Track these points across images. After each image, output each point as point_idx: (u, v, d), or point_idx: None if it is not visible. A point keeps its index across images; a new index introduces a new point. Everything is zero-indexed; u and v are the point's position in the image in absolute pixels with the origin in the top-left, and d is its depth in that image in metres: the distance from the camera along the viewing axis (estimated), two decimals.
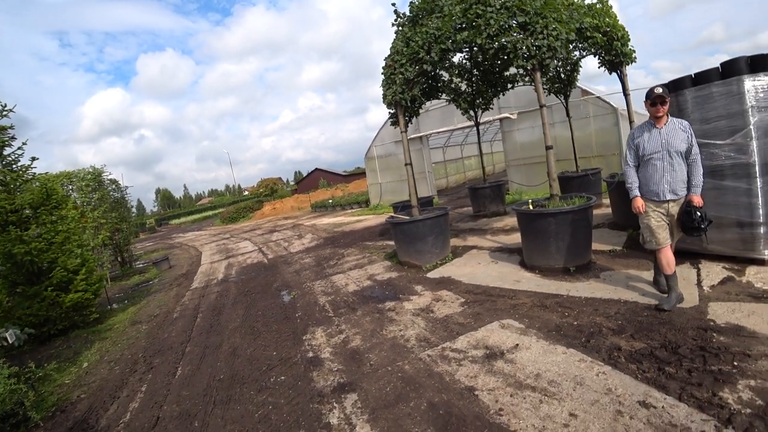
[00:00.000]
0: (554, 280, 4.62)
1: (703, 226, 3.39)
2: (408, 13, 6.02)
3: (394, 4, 6.02)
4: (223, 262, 11.52)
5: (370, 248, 8.81)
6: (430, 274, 5.78)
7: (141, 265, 14.71)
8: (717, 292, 3.72)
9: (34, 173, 7.21)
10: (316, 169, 50.05)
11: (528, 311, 3.93)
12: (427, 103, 13.93)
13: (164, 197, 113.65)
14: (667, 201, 3.54)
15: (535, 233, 4.83)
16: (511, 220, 8.77)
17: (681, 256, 4.64)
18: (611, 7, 5.87)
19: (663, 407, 2.32)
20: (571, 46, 5.46)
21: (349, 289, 5.96)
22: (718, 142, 4.09)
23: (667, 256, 3.61)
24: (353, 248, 9.28)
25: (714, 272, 4.14)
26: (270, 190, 44.79)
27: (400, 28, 6.08)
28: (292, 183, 72.38)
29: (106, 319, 7.25)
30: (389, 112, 8.01)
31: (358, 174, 43.85)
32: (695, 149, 3.45)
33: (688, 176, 3.50)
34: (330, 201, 22.82)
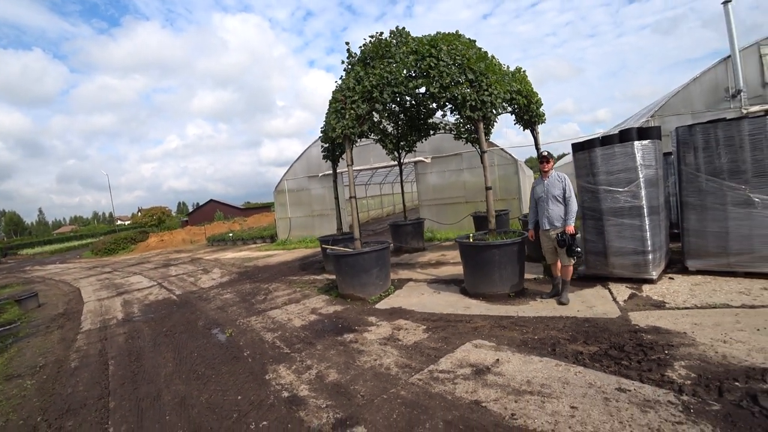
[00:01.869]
0: (500, 305, 5.14)
1: (574, 248, 4.74)
2: (359, 54, 6.40)
3: (347, 43, 6.36)
4: (117, 299, 9.78)
5: (297, 283, 8.52)
6: (378, 306, 5.87)
7: None
8: (629, 304, 4.60)
9: None
10: (211, 200, 46.54)
11: (490, 332, 4.30)
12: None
13: (10, 221, 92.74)
14: (548, 230, 4.99)
15: (481, 263, 5.35)
16: (434, 255, 9.41)
17: (593, 280, 5.61)
18: (526, 75, 7.09)
19: (634, 390, 2.89)
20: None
21: (294, 323, 5.70)
22: (619, 189, 5.17)
23: (553, 269, 5.18)
24: (278, 283, 8.85)
25: (621, 291, 5.10)
26: (157, 220, 40.00)
27: (350, 66, 6.41)
28: (174, 214, 65.53)
29: None
30: (323, 146, 8.20)
31: (257, 208, 41.94)
32: (567, 193, 4.84)
33: (564, 213, 4.88)
34: (230, 234, 21.40)
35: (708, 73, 10.12)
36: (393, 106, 9.39)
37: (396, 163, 10.30)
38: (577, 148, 5.52)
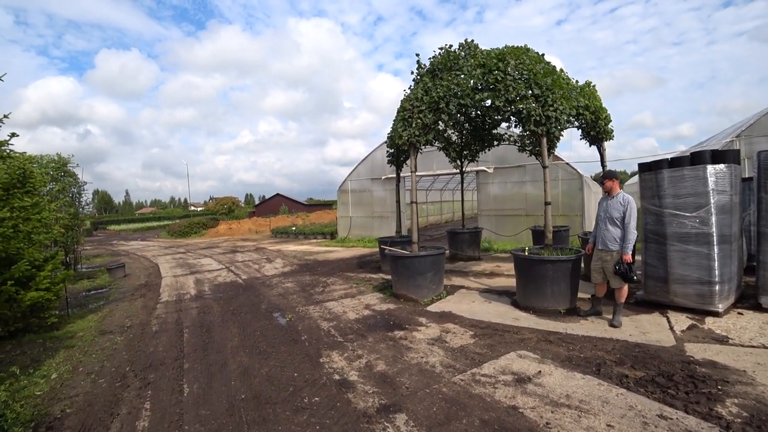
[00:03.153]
0: (549, 320, 5.18)
1: (630, 275, 4.74)
2: (428, 65, 6.71)
3: (417, 55, 6.72)
4: (190, 277, 10.92)
5: (353, 279, 9.00)
6: (429, 308, 6.14)
7: (85, 270, 13.61)
8: (687, 335, 4.44)
9: (10, 151, 6.38)
10: (278, 194, 49.43)
11: (536, 345, 4.41)
12: None
13: (102, 200, 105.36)
14: (601, 249, 4.99)
15: (534, 277, 5.42)
16: (488, 265, 9.45)
17: (651, 306, 5.44)
18: (596, 90, 6.98)
19: (677, 419, 2.87)
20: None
21: (349, 316, 6.13)
22: (686, 214, 4.99)
23: (599, 288, 5.22)
24: (335, 277, 9.40)
25: (681, 320, 4.92)
26: (227, 209, 43.40)
27: (420, 77, 6.75)
28: (242, 204, 70.24)
29: (63, 325, 6.62)
30: (388, 151, 8.59)
31: (319, 205, 43.85)
32: (627, 219, 4.75)
33: (622, 237, 4.81)
34: (293, 228, 22.67)
35: None
36: (458, 116, 9.61)
37: (458, 171, 10.45)
38: (644, 168, 5.39)
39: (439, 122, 9.42)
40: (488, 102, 6.07)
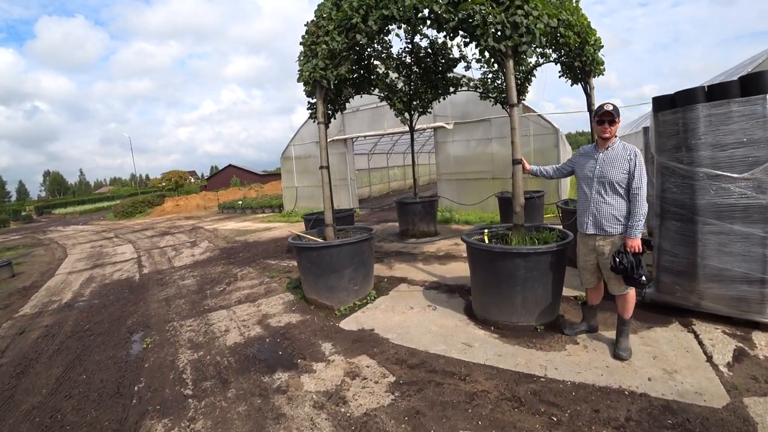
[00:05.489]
0: (520, 346, 3.32)
1: (636, 275, 2.84)
2: None
3: None
4: (85, 273, 8.83)
5: (272, 269, 6.98)
6: (344, 323, 4.19)
7: None
8: (739, 376, 2.68)
9: None
10: (230, 165, 45.77)
11: (495, 412, 2.53)
12: (356, 102, 12.55)
13: (54, 181, 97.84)
14: (593, 235, 3.08)
15: (498, 278, 3.50)
16: (445, 244, 7.57)
17: (667, 311, 3.68)
18: (580, 7, 4.90)
19: None
20: (544, 41, 4.32)
21: (228, 339, 4.13)
22: (732, 174, 3.12)
23: (592, 294, 3.42)
24: (251, 267, 7.35)
25: (718, 340, 3.16)
26: (175, 185, 39.95)
27: None
28: (206, 177, 66.11)
29: None
30: (309, 102, 6.36)
31: (276, 174, 40.84)
32: (637, 182, 2.85)
33: (628, 213, 2.93)
34: (240, 202, 20.22)
35: None
36: (403, 54, 7.41)
37: (408, 128, 8.35)
38: (663, 104, 3.46)
39: (378, 63, 7.25)
40: (425, 11, 3.92)
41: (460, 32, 3.87)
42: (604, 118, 2.91)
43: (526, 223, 3.85)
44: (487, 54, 3.83)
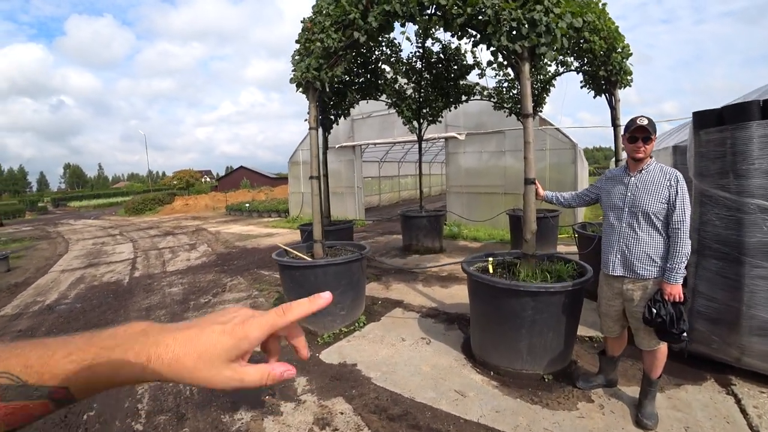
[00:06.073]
0: (522, 400, 2.80)
1: (677, 330, 2.27)
2: None
3: None
4: (77, 272, 8.61)
5: (263, 281, 6.56)
6: (326, 353, 3.71)
7: None
8: None
9: None
10: (241, 166, 45.81)
11: None
12: (367, 108, 12.16)
13: (74, 174, 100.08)
14: (620, 278, 2.53)
15: (498, 317, 2.99)
16: (449, 262, 7.05)
17: (701, 365, 3.12)
18: (607, 12, 4.40)
19: None
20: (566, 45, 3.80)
21: None
22: None
23: (612, 344, 2.82)
24: (243, 277, 6.95)
25: (765, 409, 2.60)
26: (186, 184, 40.03)
27: None
28: (208, 179, 66.55)
29: None
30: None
31: (286, 178, 40.73)
32: (679, 214, 2.31)
33: (666, 252, 2.38)
34: (247, 205, 19.98)
35: None
36: (413, 59, 6.98)
37: (416, 137, 7.89)
38: (706, 120, 2.93)
39: (386, 67, 6.83)
40: (432, 7, 3.47)
41: (470, 31, 3.41)
42: (637, 134, 2.38)
43: (537, 249, 3.34)
44: (500, 57, 3.36)
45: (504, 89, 6.76)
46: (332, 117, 6.78)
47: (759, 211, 2.64)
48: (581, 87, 4.99)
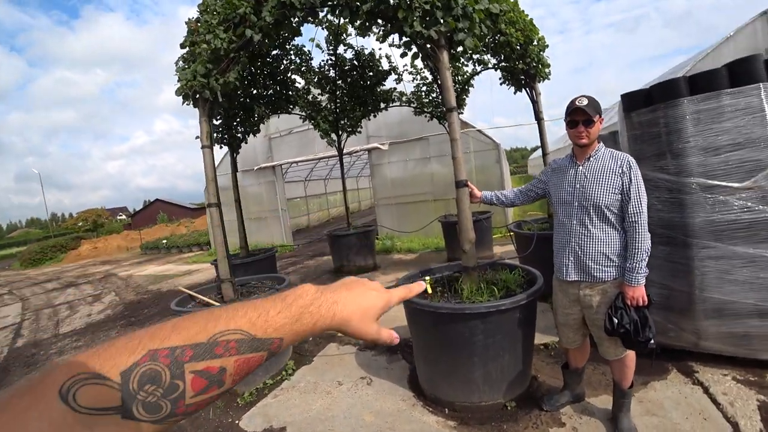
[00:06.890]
0: None
1: (644, 337, 1.97)
2: None
3: None
4: None
5: None
6: (247, 417, 2.99)
7: None
8: None
9: None
10: (157, 200, 42.12)
11: None
12: (285, 125, 11.45)
13: None
14: (575, 283, 2.20)
15: (445, 346, 2.52)
16: (385, 280, 6.58)
17: (661, 355, 2.92)
18: (519, 6, 4.29)
19: None
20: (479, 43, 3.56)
21: None
22: (730, 184, 2.45)
23: (574, 356, 2.48)
24: None
25: (734, 394, 2.45)
26: (93, 224, 35.61)
27: None
28: (121, 216, 60.46)
29: None
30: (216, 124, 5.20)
31: None
32: (635, 205, 2.00)
33: (624, 249, 2.08)
34: (164, 242, 18.01)
35: (745, 30, 7.61)
36: (326, 67, 6.52)
37: (337, 151, 7.40)
38: (634, 101, 2.77)
39: (293, 75, 6.27)
40: None
41: (379, 21, 3.00)
42: (576, 117, 2.07)
43: (477, 255, 2.96)
44: (414, 47, 2.98)
45: (423, 93, 6.55)
46: (239, 135, 6.07)
47: (700, 189, 2.49)
48: (501, 83, 4.85)
